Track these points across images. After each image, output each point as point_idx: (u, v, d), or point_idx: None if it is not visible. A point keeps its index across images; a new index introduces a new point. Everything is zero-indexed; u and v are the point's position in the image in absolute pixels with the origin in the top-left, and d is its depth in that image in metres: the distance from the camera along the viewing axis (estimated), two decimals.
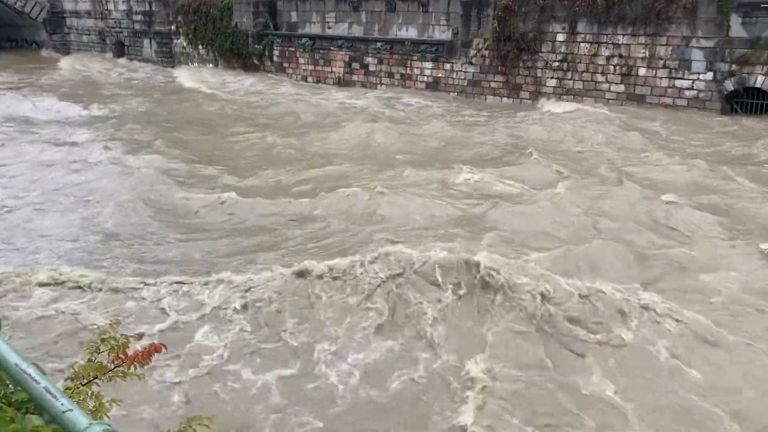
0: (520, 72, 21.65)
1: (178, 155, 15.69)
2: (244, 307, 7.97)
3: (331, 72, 26.86)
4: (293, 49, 28.04)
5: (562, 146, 16.13)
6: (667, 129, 17.19)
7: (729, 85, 17.82)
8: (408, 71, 24.49)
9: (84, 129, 18.82)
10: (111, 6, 36.66)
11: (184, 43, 32.84)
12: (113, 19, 36.81)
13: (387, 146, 16.51)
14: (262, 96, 24.73)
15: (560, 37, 20.59)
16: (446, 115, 20.21)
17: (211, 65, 31.65)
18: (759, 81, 17.30)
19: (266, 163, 15.08)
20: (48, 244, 10.22)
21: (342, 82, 26.45)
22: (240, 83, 27.52)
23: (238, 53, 29.90)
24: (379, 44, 25.10)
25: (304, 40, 27.49)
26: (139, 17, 35.23)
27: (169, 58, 33.78)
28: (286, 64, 28.47)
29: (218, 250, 10.01)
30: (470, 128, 18.29)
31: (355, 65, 26.06)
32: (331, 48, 26.66)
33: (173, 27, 33.30)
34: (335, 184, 12.90)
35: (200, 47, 32.05)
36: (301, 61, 27.85)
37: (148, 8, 34.49)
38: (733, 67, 17.61)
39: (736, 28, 17.45)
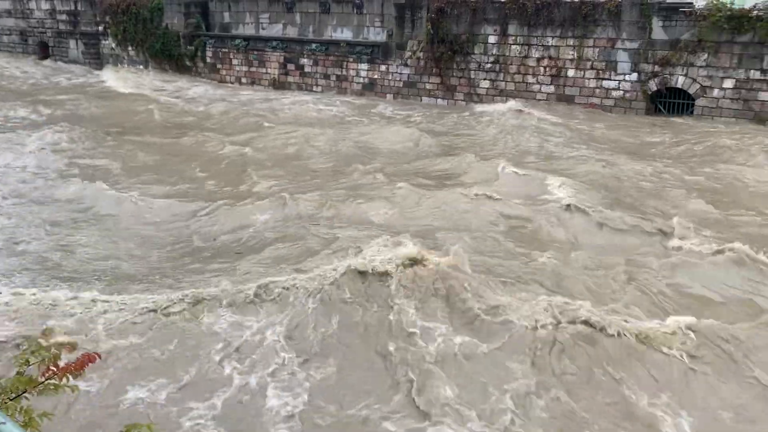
0: (454, 74, 21.98)
1: (166, 169, 14.82)
2: (306, 362, 7.05)
3: (266, 73, 26.60)
4: (226, 50, 27.62)
5: (517, 148, 16.13)
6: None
7: (652, 85, 18.58)
8: (344, 73, 24.50)
9: (50, 144, 17.14)
10: (33, 5, 35.29)
11: (113, 45, 31.88)
12: (36, 18, 35.44)
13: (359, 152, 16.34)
14: (229, 103, 23.47)
15: (492, 39, 21.01)
16: (423, 122, 19.80)
17: (141, 67, 30.84)
18: (680, 81, 18.11)
19: (261, 175, 14.34)
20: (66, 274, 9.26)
21: (277, 84, 26.24)
22: (195, 89, 26.18)
23: (170, 55, 29.22)
24: (314, 45, 25.01)
25: (237, 41, 27.11)
26: (63, 17, 34.00)
27: (97, 60, 32.72)
28: (219, 66, 28.02)
29: (255, 266, 9.28)
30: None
31: (291, 66, 25.89)
32: (266, 49, 26.39)
33: (101, 27, 32.28)
34: (345, 194, 12.43)
35: (130, 49, 31.18)
36: (235, 62, 27.47)
37: (73, 8, 33.31)
38: (656, 68, 18.38)
39: (658, 30, 18.21)
